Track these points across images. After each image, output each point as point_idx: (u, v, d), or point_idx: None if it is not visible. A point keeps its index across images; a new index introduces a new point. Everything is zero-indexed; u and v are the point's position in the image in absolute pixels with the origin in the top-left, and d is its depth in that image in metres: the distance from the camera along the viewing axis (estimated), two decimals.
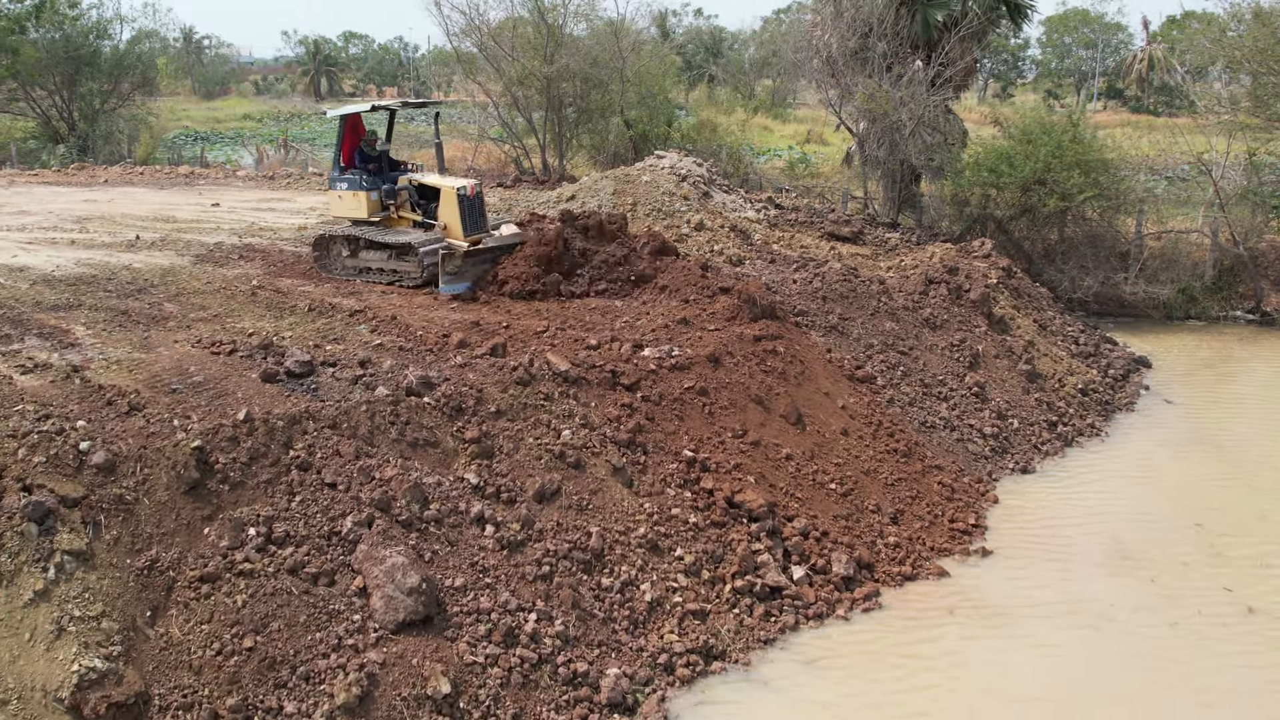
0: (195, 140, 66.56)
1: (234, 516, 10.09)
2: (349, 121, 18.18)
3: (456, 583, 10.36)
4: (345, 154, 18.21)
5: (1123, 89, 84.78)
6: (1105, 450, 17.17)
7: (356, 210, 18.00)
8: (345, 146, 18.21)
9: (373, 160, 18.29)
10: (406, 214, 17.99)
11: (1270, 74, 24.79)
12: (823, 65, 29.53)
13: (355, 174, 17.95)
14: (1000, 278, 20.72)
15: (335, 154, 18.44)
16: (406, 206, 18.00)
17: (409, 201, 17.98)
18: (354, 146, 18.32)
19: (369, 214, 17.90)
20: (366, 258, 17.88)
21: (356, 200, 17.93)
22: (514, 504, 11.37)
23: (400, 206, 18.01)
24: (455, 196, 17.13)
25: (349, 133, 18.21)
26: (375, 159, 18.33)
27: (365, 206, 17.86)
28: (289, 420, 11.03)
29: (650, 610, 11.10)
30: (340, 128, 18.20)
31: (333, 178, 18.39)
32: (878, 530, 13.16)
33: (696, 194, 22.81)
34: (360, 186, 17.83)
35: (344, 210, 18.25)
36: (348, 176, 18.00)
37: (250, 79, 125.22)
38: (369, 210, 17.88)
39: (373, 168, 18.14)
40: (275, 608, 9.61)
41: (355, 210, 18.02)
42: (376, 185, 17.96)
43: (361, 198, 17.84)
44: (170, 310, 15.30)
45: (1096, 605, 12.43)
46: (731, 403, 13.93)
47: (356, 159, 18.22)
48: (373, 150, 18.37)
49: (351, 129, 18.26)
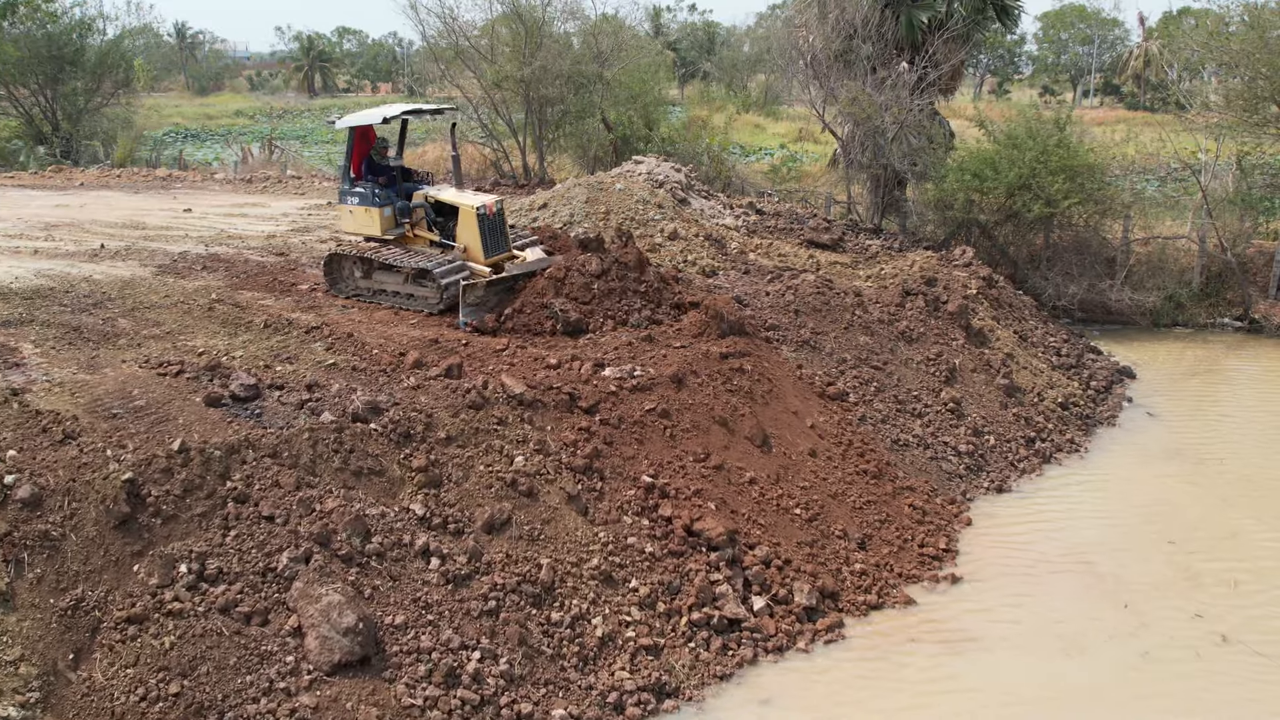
0: (185, 138, 66.20)
1: (165, 553, 9.73)
2: (358, 129, 16.97)
3: (397, 620, 10.00)
4: (355, 165, 16.95)
5: (1119, 85, 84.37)
6: (1083, 467, 16.82)
7: (368, 227, 16.77)
8: (355, 156, 16.95)
9: (384, 171, 17.03)
10: (423, 233, 16.81)
11: (1260, 77, 24.38)
12: (807, 68, 29.12)
13: (366, 187, 16.69)
14: (980, 288, 20.34)
15: (345, 165, 17.10)
16: (423, 225, 16.81)
17: (425, 219, 16.80)
18: (364, 156, 17.07)
19: (382, 231, 16.67)
20: (381, 280, 16.68)
21: (369, 216, 16.68)
22: (461, 535, 11.01)
23: (416, 224, 16.82)
24: (475, 216, 16.03)
25: (358, 141, 16.99)
26: (387, 170, 17.08)
27: (378, 223, 16.61)
28: (227, 450, 10.66)
29: (601, 646, 10.75)
30: (350, 137, 16.92)
31: (342, 191, 17.10)
32: (844, 557, 12.80)
33: (672, 201, 22.39)
34: (372, 202, 16.58)
35: (355, 226, 17.00)
36: (359, 190, 16.74)
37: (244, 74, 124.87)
38: (382, 227, 16.64)
39: (384, 180, 16.87)
40: (204, 650, 9.25)
41: (367, 227, 16.79)
42: (390, 200, 16.72)
43: (374, 214, 16.59)
44: (123, 326, 14.89)
45: (1068, 633, 12.14)
46: (694, 425, 13.56)
47: (366, 170, 16.94)
48: (384, 160, 17.12)
49: (361, 137, 17.04)
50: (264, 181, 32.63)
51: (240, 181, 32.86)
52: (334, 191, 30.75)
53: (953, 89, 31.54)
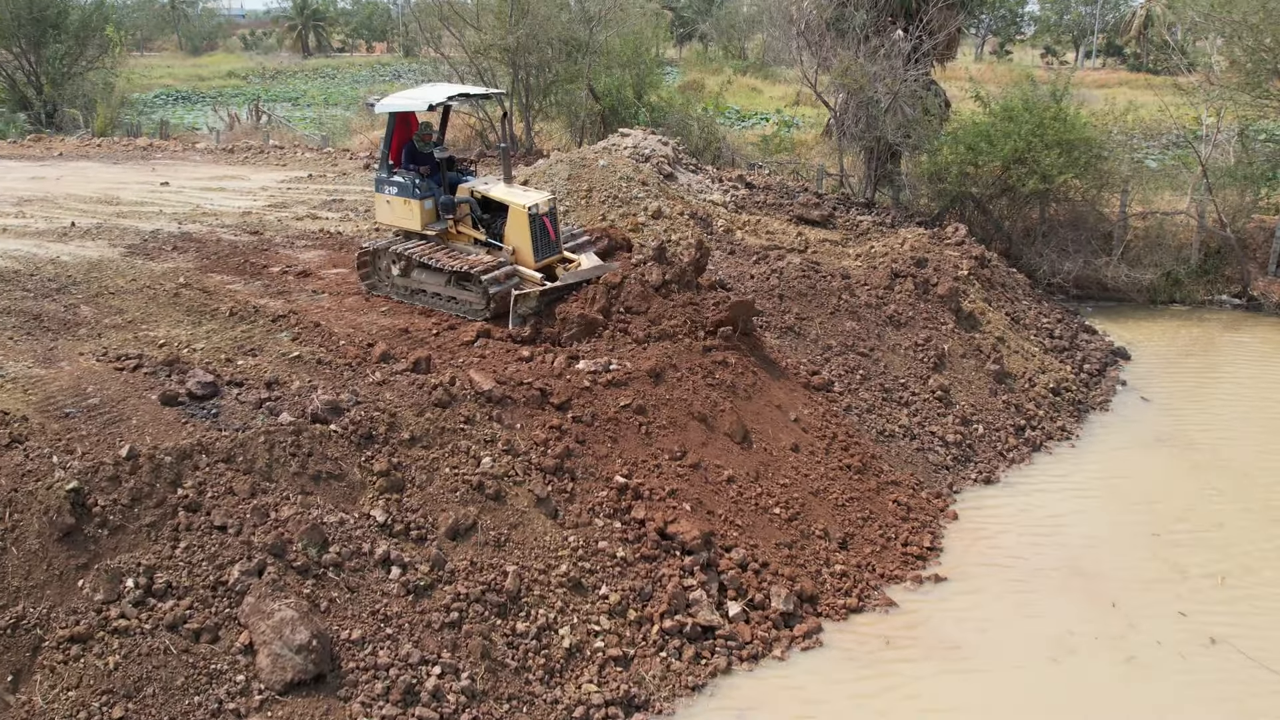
0: (175, 100, 65.30)
1: (111, 566, 9.33)
2: (399, 114, 15.86)
3: (354, 635, 9.62)
4: (394, 151, 15.86)
5: (1121, 46, 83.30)
6: (1073, 457, 16.40)
7: (407, 220, 15.65)
8: (394, 142, 15.86)
9: (426, 160, 15.78)
10: (467, 230, 15.68)
11: (1263, 49, 23.72)
12: (799, 36, 28.43)
13: (407, 177, 15.46)
14: (972, 268, 19.83)
15: (383, 150, 15.99)
16: (467, 221, 15.69)
17: (470, 216, 15.70)
18: (404, 142, 15.87)
19: (421, 225, 15.56)
20: (420, 279, 15.59)
21: (408, 209, 15.54)
22: (424, 542, 10.61)
23: (460, 221, 15.69)
24: (526, 216, 14.91)
25: (398, 125, 15.87)
26: (429, 158, 15.81)
27: (418, 217, 15.50)
28: (178, 455, 10.23)
29: (568, 657, 10.38)
30: (390, 120, 15.86)
31: (379, 179, 15.87)
32: (824, 558, 12.41)
33: (658, 177, 21.81)
34: (413, 194, 15.43)
35: (392, 219, 15.88)
36: (397, 179, 15.56)
37: (238, 34, 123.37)
38: (422, 221, 15.54)
39: (426, 170, 15.62)
40: (151, 669, 8.87)
41: (406, 220, 15.67)
42: (432, 192, 15.57)
43: (414, 206, 15.47)
44: (85, 314, 14.46)
45: (1055, 635, 11.80)
46: (671, 421, 13.11)
47: (406, 157, 15.75)
48: (426, 147, 15.81)
49: (401, 121, 15.89)
50: (246, 152, 32.02)
51: (222, 151, 32.24)
52: (316, 163, 30.24)
53: (949, 56, 30.83)
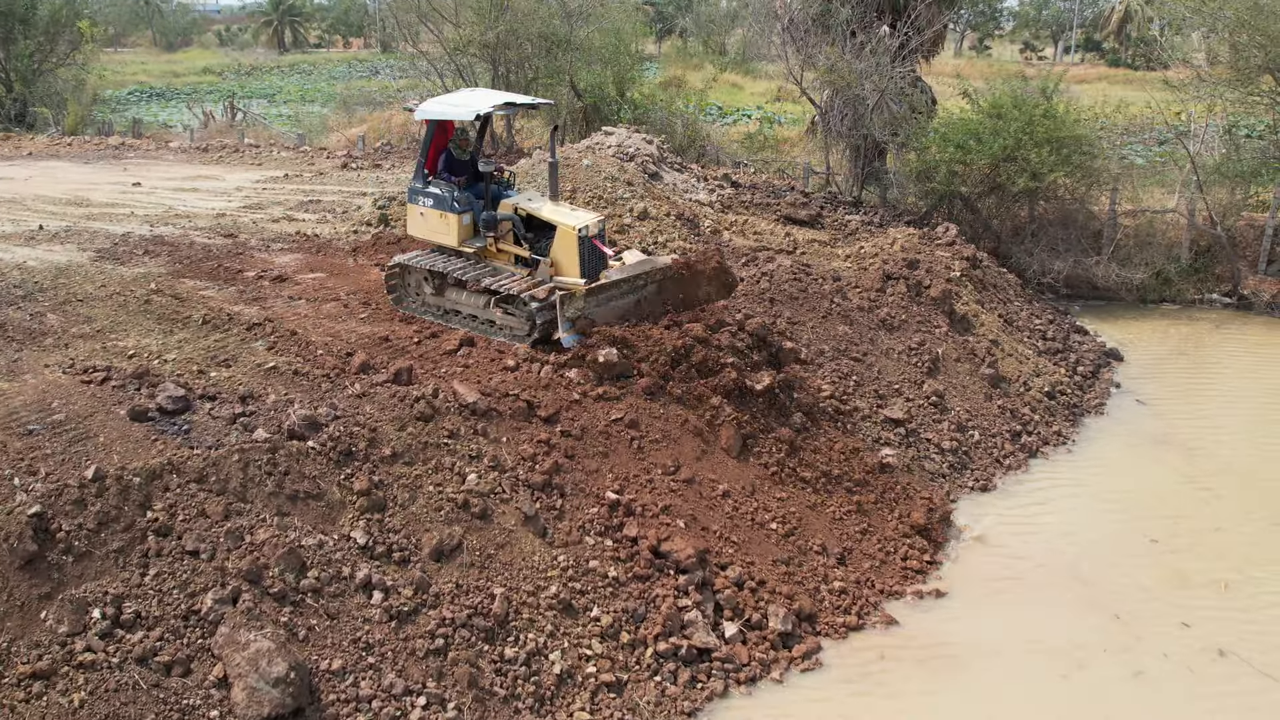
0: (149, 97, 64.45)
1: (76, 596, 8.82)
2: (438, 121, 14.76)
3: (334, 665, 9.15)
4: (430, 159, 14.76)
5: (1100, 41, 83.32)
6: (1070, 462, 16.08)
7: (442, 235, 14.58)
8: (431, 150, 14.76)
9: (465, 170, 14.66)
10: (508, 247, 14.56)
11: (1254, 45, 23.44)
12: (784, 31, 28.00)
13: (444, 189, 14.40)
14: (964, 269, 19.47)
15: (420, 158, 14.87)
16: (509, 239, 14.58)
17: (512, 234, 14.58)
18: (441, 149, 14.77)
19: (458, 241, 14.46)
20: (455, 299, 14.68)
21: (444, 223, 14.45)
22: (407, 565, 10.13)
23: (502, 238, 14.58)
24: (576, 238, 13.71)
25: (437, 132, 14.79)
26: (468, 168, 14.68)
27: (455, 232, 14.41)
28: (147, 476, 9.72)
29: (559, 684, 9.93)
30: (428, 128, 14.79)
31: (414, 189, 14.80)
32: (822, 575, 11.99)
33: (643, 177, 21.36)
34: (450, 207, 14.33)
35: (425, 232, 14.83)
36: (433, 190, 14.49)
37: (213, 29, 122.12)
38: (459, 237, 14.44)
39: (461, 180, 14.53)
40: (119, 706, 8.37)
41: (441, 234, 14.59)
42: (470, 206, 14.45)
43: (451, 221, 14.36)
44: (52, 323, 13.89)
45: (1061, 649, 11.44)
46: (665, 435, 12.64)
47: (444, 166, 14.66)
48: (464, 154, 14.69)
49: (440, 128, 14.79)
50: (220, 150, 31.37)
51: (196, 150, 31.58)
52: (293, 162, 29.64)
53: (935, 52, 30.48)
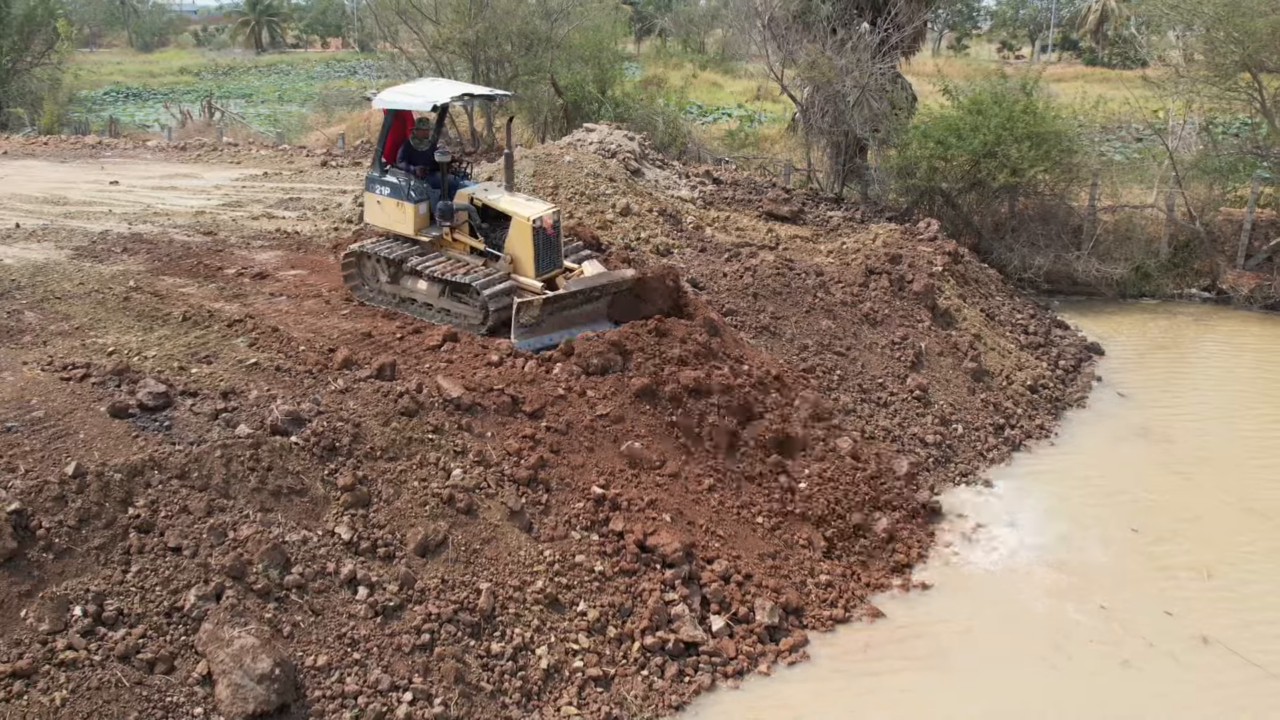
0: (126, 97, 64.02)
1: (57, 593, 8.71)
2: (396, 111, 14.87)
3: (319, 661, 9.07)
4: (388, 149, 14.90)
5: (1077, 40, 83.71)
6: (1052, 455, 16.15)
7: (399, 223, 14.71)
8: (389, 139, 14.91)
9: (423, 160, 14.83)
10: (464, 238, 14.77)
11: (1232, 41, 23.59)
12: (764, 28, 28.02)
13: (402, 178, 14.57)
14: (946, 264, 19.52)
15: (377, 147, 14.99)
16: (465, 229, 14.78)
17: (468, 224, 14.77)
18: (399, 139, 14.93)
19: (415, 230, 14.62)
20: (411, 288, 14.69)
21: (401, 212, 14.60)
22: (392, 560, 10.06)
23: (458, 228, 14.75)
24: (530, 228, 13.96)
25: (395, 122, 14.92)
26: (426, 158, 14.84)
27: (411, 220, 14.55)
28: (129, 472, 9.62)
29: (546, 679, 9.88)
30: (386, 117, 14.91)
31: (371, 177, 14.91)
32: (808, 568, 11.98)
33: (625, 173, 21.32)
34: (407, 196, 14.49)
35: (383, 221, 14.93)
36: (390, 179, 14.63)
37: (190, 30, 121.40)
38: (416, 226, 14.59)
39: (421, 170, 14.71)
40: (101, 704, 8.26)
41: (398, 223, 14.73)
42: (427, 195, 14.60)
43: (408, 210, 14.52)
44: (30, 321, 13.73)
45: (1043, 641, 11.48)
46: (651, 430, 12.62)
47: (402, 156, 14.82)
48: (423, 144, 14.91)
49: (399, 118, 14.95)
50: (199, 149, 31.13)
51: (174, 149, 31.35)
52: (272, 160, 29.46)
53: (916, 50, 30.57)
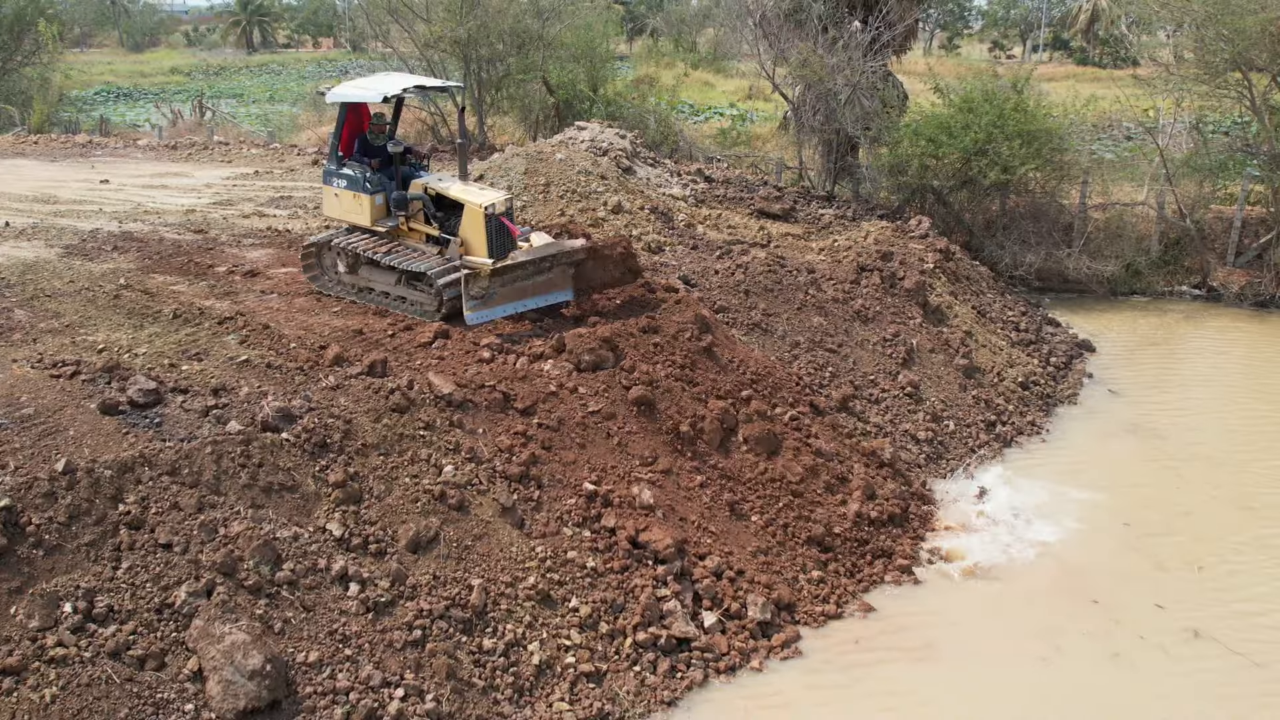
0: (116, 97, 63.92)
1: (47, 590, 8.68)
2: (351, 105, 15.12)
3: (311, 657, 9.05)
4: (344, 142, 15.12)
5: (1068, 40, 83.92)
6: (1043, 451, 16.19)
7: (356, 215, 14.91)
8: (344, 132, 15.12)
9: (378, 153, 15.08)
10: (419, 226, 14.86)
11: (1221, 39, 23.65)
12: (756, 27, 28.02)
13: (357, 170, 14.76)
14: (938, 261, 19.54)
15: (333, 141, 15.21)
16: (420, 218, 14.89)
17: (424, 213, 14.90)
18: (355, 133, 15.20)
19: (371, 220, 14.81)
20: (369, 277, 14.97)
21: (357, 203, 14.79)
22: (384, 557, 10.05)
23: (413, 217, 14.89)
24: (482, 216, 13.97)
25: (350, 116, 15.15)
26: (382, 151, 15.09)
27: (368, 211, 14.74)
28: (119, 468, 9.59)
29: (538, 675, 9.88)
30: (340, 111, 15.16)
31: (328, 171, 15.12)
32: (800, 564, 11.99)
33: (617, 171, 21.31)
34: (363, 188, 14.68)
35: (340, 212, 15.18)
36: (346, 172, 14.83)
37: (181, 30, 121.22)
38: (372, 216, 14.78)
39: (377, 163, 14.94)
40: (91, 701, 8.24)
41: (354, 214, 14.93)
42: (383, 187, 14.82)
43: (364, 201, 14.71)
44: (19, 319, 13.68)
45: (1035, 636, 11.51)
46: (643, 426, 12.61)
47: (358, 149, 15.06)
48: (379, 139, 15.15)
49: (354, 112, 15.20)
50: (189, 148, 31.05)
51: (165, 148, 31.27)
52: (263, 159, 29.40)
53: (907, 48, 30.60)
